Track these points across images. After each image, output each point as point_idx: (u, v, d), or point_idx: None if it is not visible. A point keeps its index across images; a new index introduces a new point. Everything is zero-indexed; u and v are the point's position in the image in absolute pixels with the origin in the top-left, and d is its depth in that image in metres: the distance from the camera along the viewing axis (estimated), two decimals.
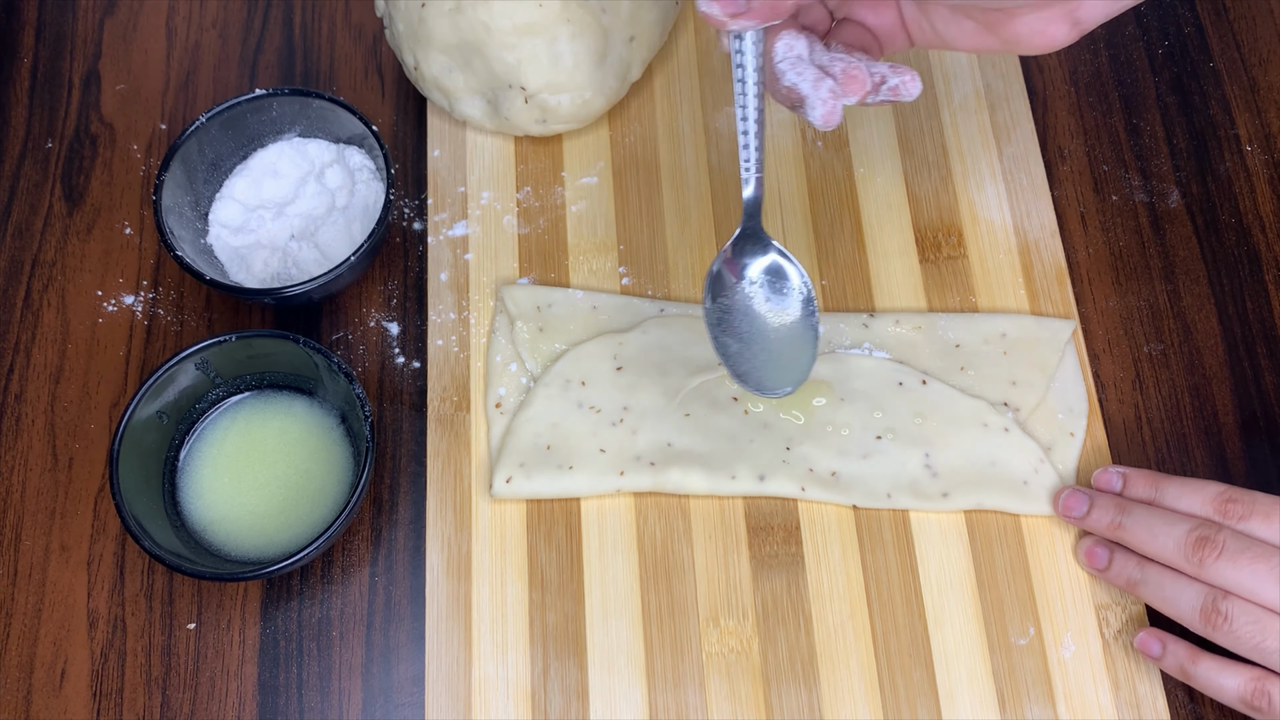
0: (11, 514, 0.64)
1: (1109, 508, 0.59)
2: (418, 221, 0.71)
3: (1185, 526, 0.55)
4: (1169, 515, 0.56)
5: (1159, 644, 0.57)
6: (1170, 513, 0.57)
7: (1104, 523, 0.59)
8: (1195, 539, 0.54)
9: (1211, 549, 0.53)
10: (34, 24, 0.77)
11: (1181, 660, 0.56)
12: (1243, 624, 0.53)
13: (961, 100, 0.73)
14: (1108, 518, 0.59)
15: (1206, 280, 0.68)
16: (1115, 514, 0.58)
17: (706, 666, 0.60)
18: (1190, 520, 0.55)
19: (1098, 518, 0.59)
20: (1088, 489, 0.61)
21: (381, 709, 0.60)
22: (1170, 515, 0.56)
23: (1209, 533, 0.54)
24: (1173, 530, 0.55)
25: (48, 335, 0.68)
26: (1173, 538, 0.55)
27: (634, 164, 0.72)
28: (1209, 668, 0.55)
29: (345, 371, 0.61)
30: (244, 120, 0.68)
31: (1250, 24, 0.75)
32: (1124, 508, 0.58)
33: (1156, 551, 0.56)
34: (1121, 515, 0.58)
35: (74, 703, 0.60)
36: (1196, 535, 0.54)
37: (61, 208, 0.72)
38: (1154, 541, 0.56)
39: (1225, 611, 0.53)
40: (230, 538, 0.62)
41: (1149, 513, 0.57)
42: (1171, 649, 0.57)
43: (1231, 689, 0.54)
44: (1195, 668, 0.56)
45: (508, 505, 0.64)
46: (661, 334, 0.66)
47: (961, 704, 0.59)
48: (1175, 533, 0.55)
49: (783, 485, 0.63)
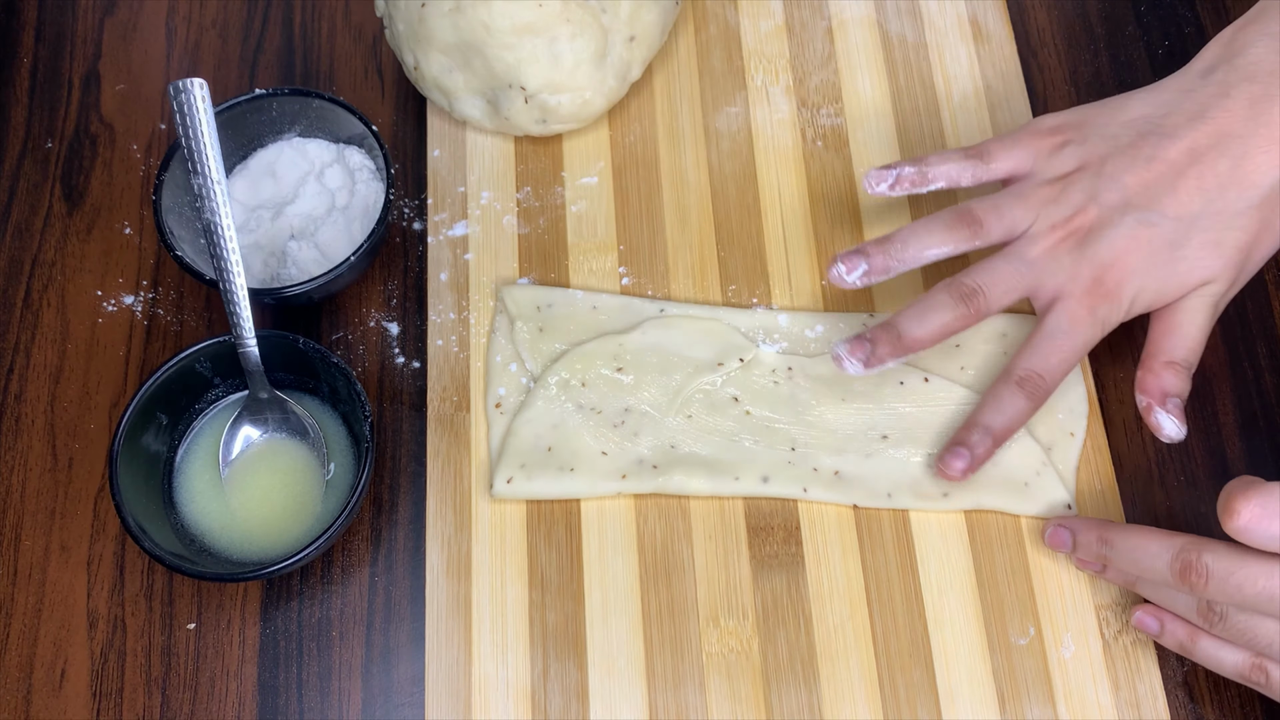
0: (11, 514, 0.64)
1: (1092, 543, 0.59)
2: (418, 221, 0.71)
3: (1166, 556, 0.54)
4: (1148, 545, 0.55)
5: (1156, 621, 0.58)
6: (1150, 540, 0.56)
7: (1090, 557, 0.59)
8: (1180, 567, 0.54)
9: (1198, 576, 0.53)
10: (34, 24, 0.77)
11: (1180, 638, 0.57)
12: (1236, 623, 0.54)
13: (961, 100, 0.73)
14: (1093, 551, 0.59)
15: None
16: (1099, 547, 0.58)
17: (706, 666, 0.60)
18: (1170, 548, 0.54)
19: (1083, 552, 0.60)
20: (1070, 519, 0.61)
21: (381, 709, 0.60)
22: (1150, 544, 0.55)
23: (1190, 558, 0.53)
24: (1155, 563, 0.55)
25: (48, 335, 0.68)
26: (1157, 569, 0.55)
27: (634, 164, 0.72)
28: (1208, 645, 0.56)
29: (345, 371, 0.61)
30: (244, 120, 0.68)
31: None
32: (1106, 540, 0.58)
33: (1147, 579, 0.57)
34: (1106, 549, 0.58)
35: (74, 703, 0.60)
36: (1180, 564, 0.54)
37: (61, 208, 0.72)
38: (1140, 572, 0.56)
39: (1220, 612, 0.54)
40: (230, 538, 0.62)
41: (1130, 545, 0.57)
42: (1170, 627, 0.57)
43: (1231, 665, 0.55)
44: (1195, 645, 0.56)
45: (508, 505, 0.64)
46: (662, 334, 0.66)
47: (961, 704, 0.59)
48: (1158, 565, 0.55)
49: (785, 485, 0.63)
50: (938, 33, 0.75)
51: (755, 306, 0.68)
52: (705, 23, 0.76)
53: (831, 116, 0.73)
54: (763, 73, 0.74)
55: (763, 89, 0.73)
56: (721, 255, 0.69)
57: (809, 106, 0.73)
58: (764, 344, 0.66)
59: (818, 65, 0.74)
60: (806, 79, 0.74)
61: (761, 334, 0.66)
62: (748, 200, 0.71)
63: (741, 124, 0.73)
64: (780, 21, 0.75)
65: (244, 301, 0.61)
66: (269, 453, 0.63)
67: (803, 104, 0.73)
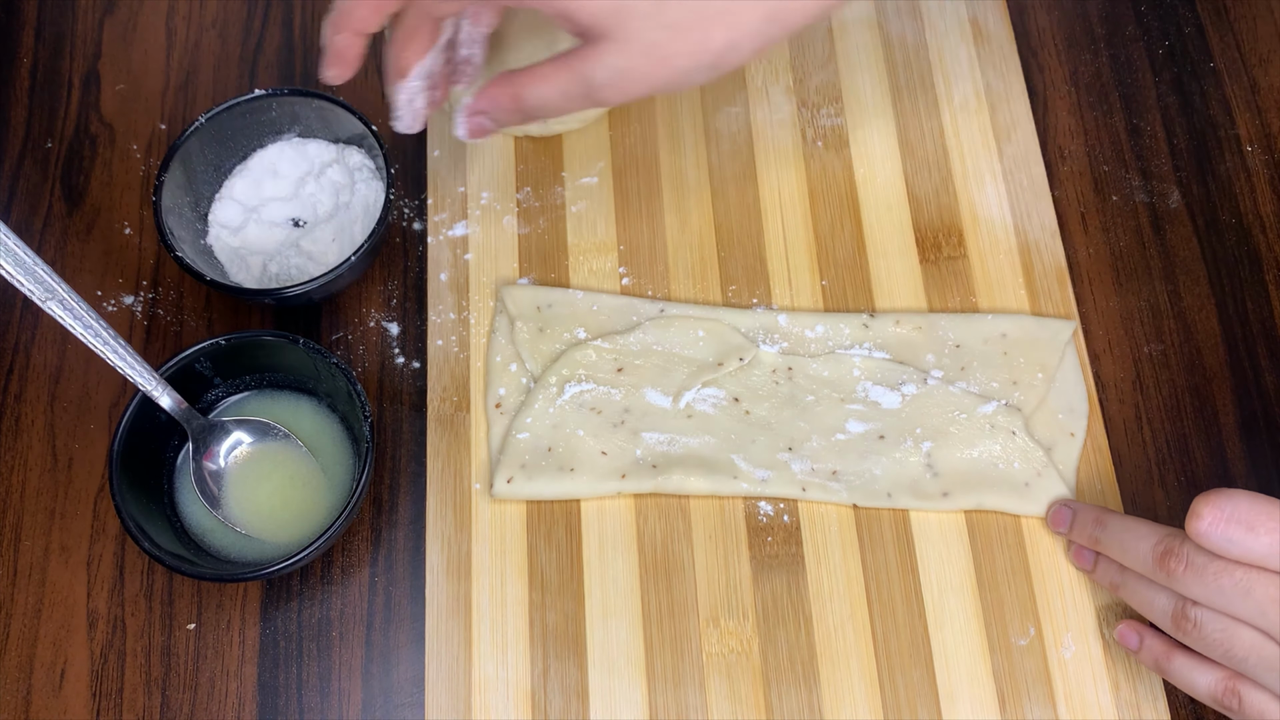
0: (11, 514, 0.64)
1: (1087, 522, 0.59)
2: (418, 221, 0.71)
3: (1152, 540, 0.55)
4: (1138, 529, 0.56)
5: (1137, 637, 0.58)
6: (1141, 525, 0.56)
7: (1084, 537, 0.60)
8: (1160, 553, 0.54)
9: (1177, 562, 0.53)
10: (34, 24, 0.77)
11: (1157, 655, 0.57)
12: (1211, 631, 0.53)
13: (961, 100, 0.73)
14: (1086, 532, 0.59)
15: (1207, 280, 0.68)
16: (1092, 528, 0.59)
17: (706, 667, 0.60)
18: (1157, 533, 0.55)
19: (1078, 532, 0.60)
20: (1075, 501, 0.61)
21: (381, 709, 0.60)
22: (1140, 529, 0.56)
23: (1174, 545, 0.54)
24: (1140, 545, 0.55)
25: (48, 335, 0.68)
26: (1141, 552, 0.55)
27: (634, 164, 0.72)
28: (1182, 665, 0.55)
29: (345, 371, 0.61)
30: (244, 120, 0.68)
31: (1250, 24, 0.75)
32: (1100, 521, 0.59)
33: (1130, 564, 0.57)
34: (1098, 529, 0.59)
35: (74, 703, 0.60)
36: (1162, 549, 0.54)
37: (61, 208, 0.72)
38: (1125, 555, 0.57)
39: (1194, 618, 0.53)
40: (230, 538, 0.62)
41: (1122, 527, 0.57)
42: (1148, 643, 0.57)
43: (1203, 687, 0.55)
44: (1170, 664, 0.56)
45: (508, 505, 0.63)
46: (662, 334, 0.66)
47: (961, 704, 0.59)
48: (1143, 547, 0.55)
49: (785, 485, 0.63)
50: (938, 33, 0.75)
51: (755, 306, 0.68)
52: None
53: (831, 116, 0.73)
54: (763, 73, 0.74)
55: (763, 89, 0.73)
56: (721, 255, 0.69)
57: (809, 106, 0.73)
58: (764, 344, 0.66)
59: (818, 65, 0.74)
60: (806, 79, 0.74)
61: (761, 334, 0.66)
62: (748, 200, 0.71)
63: (741, 124, 0.73)
64: None
65: (127, 355, 0.59)
66: (267, 455, 0.63)
67: (803, 104, 0.73)
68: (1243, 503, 0.51)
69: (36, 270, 0.56)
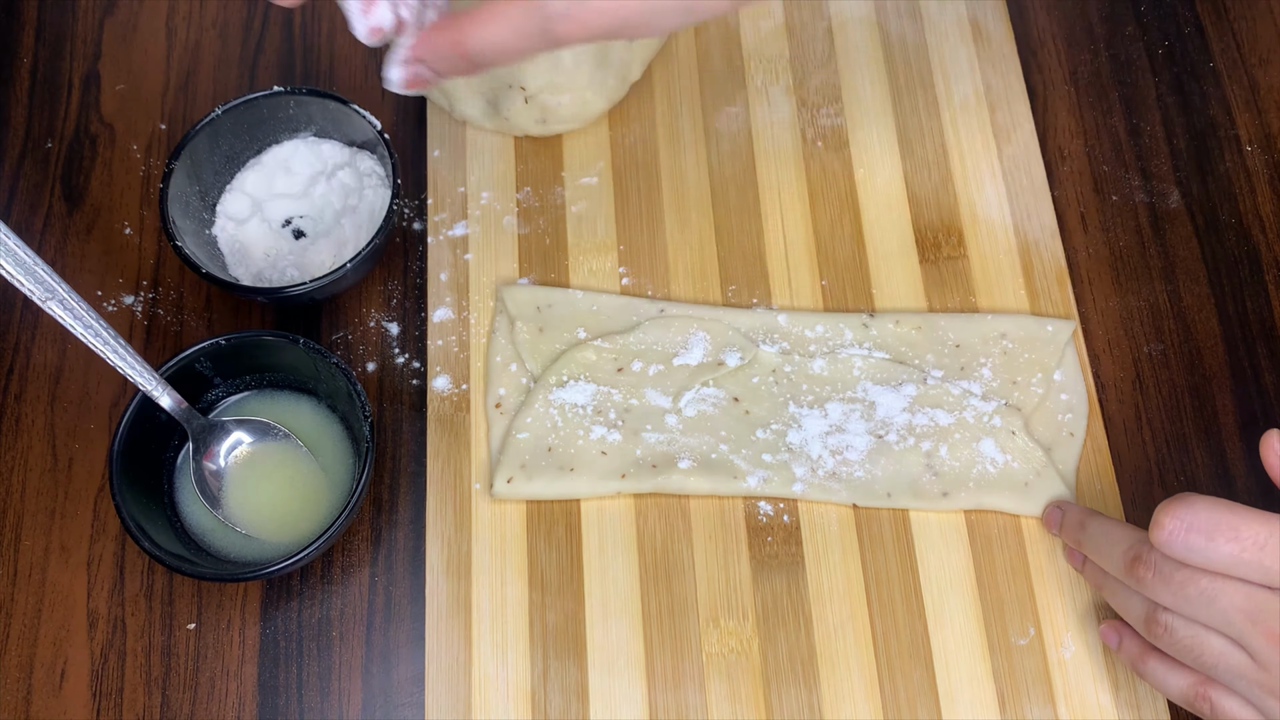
0: (11, 514, 0.64)
1: (1072, 524, 0.60)
2: (418, 221, 0.71)
3: (1123, 545, 0.55)
4: (1114, 533, 0.56)
5: (1117, 637, 0.58)
6: (1116, 529, 0.56)
7: (1070, 537, 0.60)
8: (1130, 559, 0.54)
9: (1145, 569, 0.53)
10: (34, 24, 0.77)
11: (1133, 656, 0.57)
12: (1181, 637, 0.53)
13: (961, 100, 0.73)
14: (1071, 533, 0.60)
15: (1206, 280, 0.68)
16: (1075, 530, 0.59)
17: (706, 667, 0.60)
18: (1129, 539, 0.55)
19: (1067, 533, 0.60)
20: (1064, 501, 0.62)
21: (381, 709, 0.60)
22: (1115, 532, 0.56)
23: (1142, 551, 0.54)
24: (1114, 550, 0.56)
25: (48, 335, 0.68)
26: (1114, 556, 0.55)
27: (634, 164, 0.72)
28: (1156, 667, 0.55)
29: (345, 371, 0.61)
30: (259, 115, 0.68)
31: (1250, 24, 0.75)
32: (1082, 524, 0.59)
33: (1106, 567, 0.57)
34: (1079, 532, 0.59)
35: (74, 703, 0.60)
36: (1131, 555, 0.54)
37: (61, 208, 0.72)
38: (1101, 558, 0.57)
39: (1165, 624, 0.53)
40: (230, 538, 0.62)
41: (1100, 530, 0.57)
42: (1126, 644, 0.57)
43: (1176, 690, 0.55)
44: (1144, 666, 0.56)
45: (508, 505, 0.64)
46: (661, 334, 0.66)
47: (961, 704, 0.59)
48: (1115, 552, 0.55)
49: (784, 485, 0.63)
50: (938, 33, 0.75)
51: (755, 306, 0.68)
52: (705, 23, 0.76)
53: (831, 116, 0.73)
54: (763, 73, 0.74)
55: (763, 89, 0.73)
56: (721, 255, 0.69)
57: (809, 106, 0.73)
58: (764, 344, 0.66)
59: (818, 65, 0.74)
60: (806, 79, 0.74)
61: (761, 334, 0.66)
62: (748, 200, 0.71)
63: (741, 124, 0.73)
64: (780, 21, 0.75)
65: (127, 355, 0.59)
66: (267, 455, 0.63)
67: (803, 104, 0.73)
68: (1202, 511, 0.50)
69: (37, 270, 0.56)
